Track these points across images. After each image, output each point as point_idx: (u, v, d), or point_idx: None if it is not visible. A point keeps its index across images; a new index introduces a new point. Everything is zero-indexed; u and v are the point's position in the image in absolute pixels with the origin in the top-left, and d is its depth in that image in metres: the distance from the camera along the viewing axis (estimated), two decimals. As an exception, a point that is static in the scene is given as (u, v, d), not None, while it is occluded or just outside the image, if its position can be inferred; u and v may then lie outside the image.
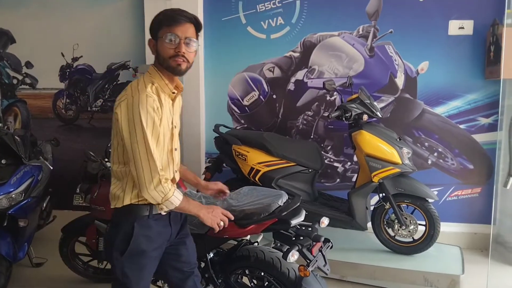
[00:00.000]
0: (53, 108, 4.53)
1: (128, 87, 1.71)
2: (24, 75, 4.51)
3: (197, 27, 1.74)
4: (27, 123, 4.56)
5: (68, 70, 4.43)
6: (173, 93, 1.75)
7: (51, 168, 3.34)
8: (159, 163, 1.65)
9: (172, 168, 1.80)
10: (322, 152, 3.90)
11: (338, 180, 4.04)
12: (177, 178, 1.88)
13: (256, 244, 2.38)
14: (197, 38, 1.74)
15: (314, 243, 2.02)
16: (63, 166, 3.89)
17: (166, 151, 1.74)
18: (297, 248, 1.96)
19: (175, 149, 1.80)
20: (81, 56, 4.39)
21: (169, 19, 1.68)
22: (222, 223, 1.84)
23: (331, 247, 2.11)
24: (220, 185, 2.14)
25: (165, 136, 1.71)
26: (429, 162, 3.88)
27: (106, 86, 4.38)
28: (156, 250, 1.80)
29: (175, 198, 1.69)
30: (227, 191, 2.14)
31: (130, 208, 1.73)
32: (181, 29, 1.67)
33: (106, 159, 2.59)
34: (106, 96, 4.40)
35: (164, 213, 1.78)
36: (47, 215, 3.60)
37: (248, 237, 2.40)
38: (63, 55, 4.40)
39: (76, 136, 4.52)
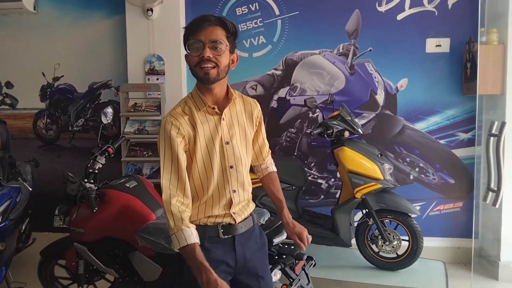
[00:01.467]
0: (33, 128, 4.46)
1: None
2: (4, 95, 4.45)
3: (226, 28, 1.58)
4: (7, 144, 4.46)
5: (49, 89, 4.39)
6: (213, 108, 1.61)
7: (31, 189, 3.27)
8: (175, 185, 1.54)
9: (228, 189, 1.63)
10: (306, 169, 3.91)
11: (322, 196, 4.05)
12: (240, 198, 1.67)
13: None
14: (228, 40, 1.59)
15: (296, 261, 2.02)
16: (43, 187, 3.83)
17: (218, 170, 1.61)
18: (279, 267, 1.95)
19: (231, 167, 1.63)
20: (62, 76, 4.36)
21: (191, 27, 1.57)
22: None
23: (314, 265, 2.11)
24: (305, 233, 1.79)
25: (209, 156, 1.59)
26: (411, 177, 3.92)
27: (88, 105, 4.34)
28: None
29: (181, 236, 1.48)
30: (305, 244, 1.78)
31: None
32: (204, 33, 1.54)
33: (86, 180, 2.55)
34: (88, 116, 4.36)
35: (224, 237, 1.63)
36: (26, 237, 3.50)
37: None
38: (44, 75, 4.36)
39: (57, 157, 4.45)
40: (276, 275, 1.92)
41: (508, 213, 3.39)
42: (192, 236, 1.49)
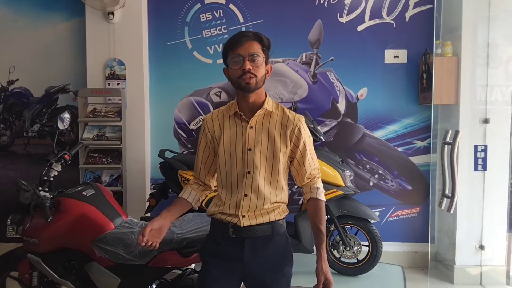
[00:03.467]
0: (-15, 133, 4.25)
1: None
2: (-47, 98, 4.22)
3: (262, 42, 1.73)
4: (-45, 150, 4.24)
5: (2, 93, 4.20)
6: (240, 115, 1.74)
7: (-20, 198, 3.10)
8: (197, 170, 1.88)
9: (240, 191, 1.73)
10: (269, 176, 3.92)
11: (285, 203, 4.06)
12: (252, 204, 1.72)
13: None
14: (264, 52, 1.72)
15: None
16: (-6, 196, 3.64)
17: (235, 172, 1.74)
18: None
19: (248, 172, 1.72)
20: (17, 79, 4.18)
21: (231, 43, 1.71)
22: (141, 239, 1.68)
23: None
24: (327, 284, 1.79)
25: (231, 158, 1.74)
26: (371, 183, 4.02)
27: (44, 110, 4.18)
28: (218, 268, 1.74)
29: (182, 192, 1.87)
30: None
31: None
32: (243, 48, 1.68)
33: (40, 188, 2.44)
34: (44, 121, 4.19)
35: (233, 236, 1.72)
36: (-25, 249, 3.32)
37: (193, 266, 2.34)
38: (-3, 78, 4.18)
39: (10, 163, 4.25)
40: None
41: (463, 218, 3.54)
42: (185, 192, 1.85)
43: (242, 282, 1.79)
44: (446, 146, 2.46)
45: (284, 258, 1.78)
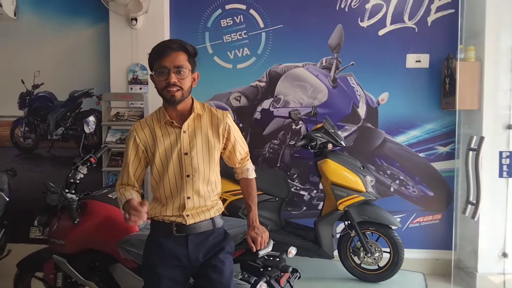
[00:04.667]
0: (10, 136, 4.36)
1: None
2: (-19, 102, 4.34)
3: (187, 52, 1.78)
4: (-18, 152, 4.37)
5: (28, 97, 4.30)
6: (171, 122, 1.80)
7: (7, 199, 3.20)
8: (121, 180, 1.88)
9: (182, 195, 1.80)
10: (289, 180, 3.93)
11: (304, 208, 4.07)
12: (195, 205, 1.82)
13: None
14: (190, 63, 1.78)
15: (282, 273, 2.02)
16: (20, 197, 3.72)
17: (173, 178, 1.80)
18: (265, 279, 1.95)
19: (187, 176, 1.80)
20: (42, 83, 4.28)
21: (157, 53, 1.75)
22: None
23: (299, 277, 2.11)
24: (259, 239, 1.93)
25: (167, 164, 1.79)
26: (392, 189, 3.98)
27: (68, 114, 4.27)
28: (165, 268, 1.79)
29: (123, 198, 1.77)
30: (256, 247, 1.94)
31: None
32: (168, 60, 1.73)
33: (67, 190, 2.50)
34: (68, 124, 4.28)
35: (177, 234, 1.80)
36: (1, 249, 3.42)
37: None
38: (23, 82, 4.28)
39: (35, 166, 4.35)
40: (262, 287, 1.91)
41: (485, 225, 3.47)
42: (133, 195, 1.77)
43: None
44: (470, 152, 2.43)
45: (225, 244, 1.88)
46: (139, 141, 1.84)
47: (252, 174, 2.04)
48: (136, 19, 3.89)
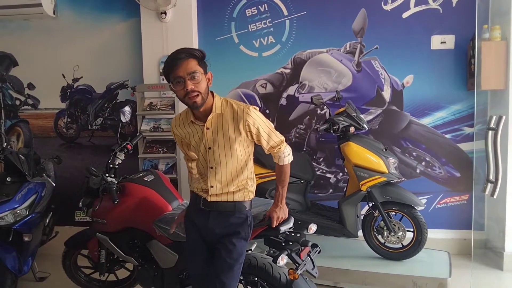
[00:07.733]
0: (54, 127, 4.68)
1: None
2: (27, 96, 4.67)
3: (197, 57, 1.92)
4: (29, 142, 4.71)
5: (69, 90, 4.59)
6: (194, 122, 2.03)
7: (54, 185, 3.45)
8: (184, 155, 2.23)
9: (207, 183, 2.06)
10: (315, 164, 4.05)
11: (330, 190, 4.18)
12: (218, 192, 2.06)
13: (249, 251, 2.50)
14: (201, 66, 1.93)
15: (302, 248, 2.15)
16: (64, 183, 4.00)
17: (201, 168, 2.11)
18: (286, 252, 2.08)
19: (211, 168, 2.04)
20: (81, 77, 4.56)
21: (169, 65, 1.89)
22: None
23: (319, 252, 2.24)
24: (276, 216, 2.14)
25: (198, 155, 2.08)
26: (418, 171, 4.02)
27: (106, 105, 4.54)
28: (193, 232, 2.14)
29: None
30: (272, 223, 2.14)
31: None
32: (181, 69, 1.87)
33: (107, 174, 2.73)
34: (106, 115, 4.55)
35: (203, 208, 2.10)
36: (50, 230, 3.67)
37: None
38: (64, 76, 4.57)
39: (77, 154, 4.65)
40: (283, 259, 2.05)
41: (513, 205, 3.48)
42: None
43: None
44: (490, 132, 2.46)
45: (241, 229, 2.05)
46: (178, 134, 2.12)
47: (284, 161, 2.14)
48: (165, 13, 4.07)
